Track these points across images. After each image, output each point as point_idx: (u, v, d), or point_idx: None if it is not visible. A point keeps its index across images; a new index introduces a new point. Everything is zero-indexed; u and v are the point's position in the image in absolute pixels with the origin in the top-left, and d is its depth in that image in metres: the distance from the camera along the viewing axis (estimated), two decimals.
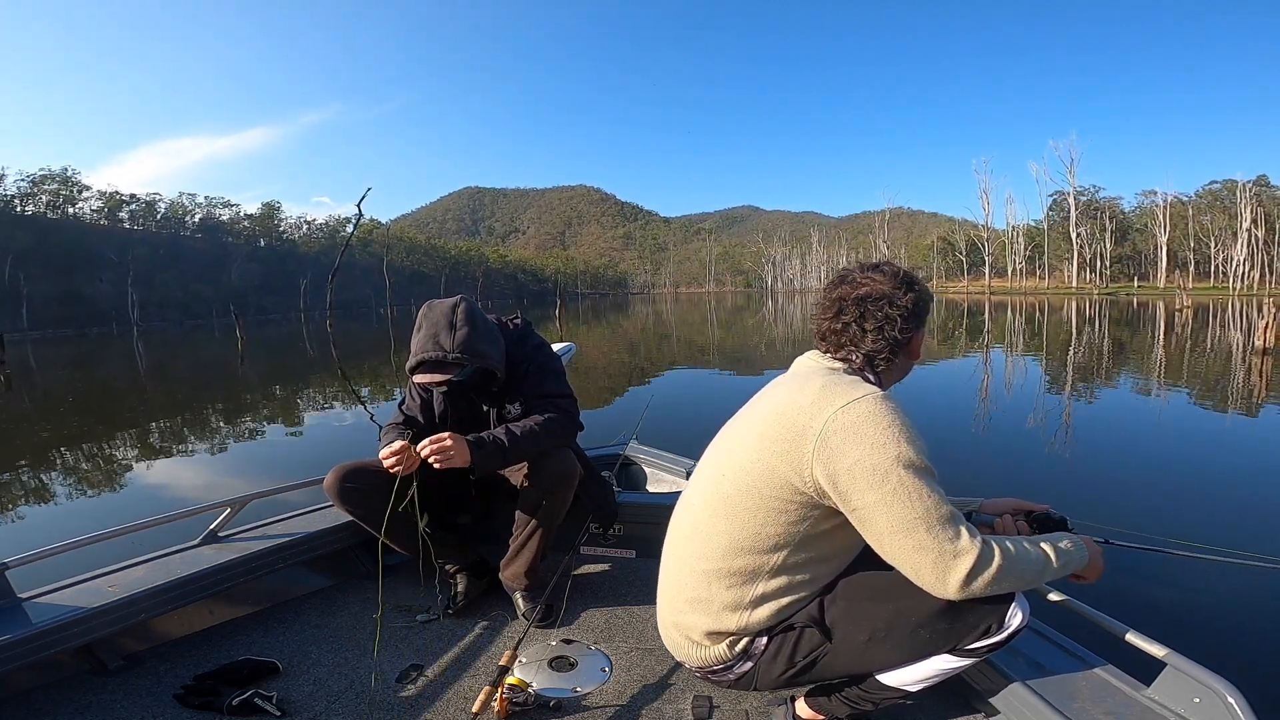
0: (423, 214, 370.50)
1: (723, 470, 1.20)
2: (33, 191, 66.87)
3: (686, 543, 1.24)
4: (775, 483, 1.10)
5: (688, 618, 1.23)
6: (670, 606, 1.28)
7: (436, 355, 1.77)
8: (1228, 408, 7.21)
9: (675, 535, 1.30)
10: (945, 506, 1.02)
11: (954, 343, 17.10)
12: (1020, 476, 4.78)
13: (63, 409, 10.23)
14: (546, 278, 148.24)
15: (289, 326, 43.18)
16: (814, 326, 1.25)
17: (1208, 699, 1.13)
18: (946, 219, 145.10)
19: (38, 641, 1.54)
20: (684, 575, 1.23)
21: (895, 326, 1.17)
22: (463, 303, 1.88)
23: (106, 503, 4.97)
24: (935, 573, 1.01)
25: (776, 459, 1.10)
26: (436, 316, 1.83)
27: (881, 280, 1.20)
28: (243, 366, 16.56)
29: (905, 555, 1.02)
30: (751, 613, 1.16)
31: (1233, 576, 2.94)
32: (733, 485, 1.16)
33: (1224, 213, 67.37)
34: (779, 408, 1.13)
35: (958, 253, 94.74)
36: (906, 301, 1.18)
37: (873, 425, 1.03)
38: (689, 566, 1.22)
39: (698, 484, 1.28)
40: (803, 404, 1.09)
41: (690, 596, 1.22)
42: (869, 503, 1.02)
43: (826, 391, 1.09)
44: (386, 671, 1.67)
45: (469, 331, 1.81)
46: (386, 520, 1.67)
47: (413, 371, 1.83)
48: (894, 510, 1.01)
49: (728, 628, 1.18)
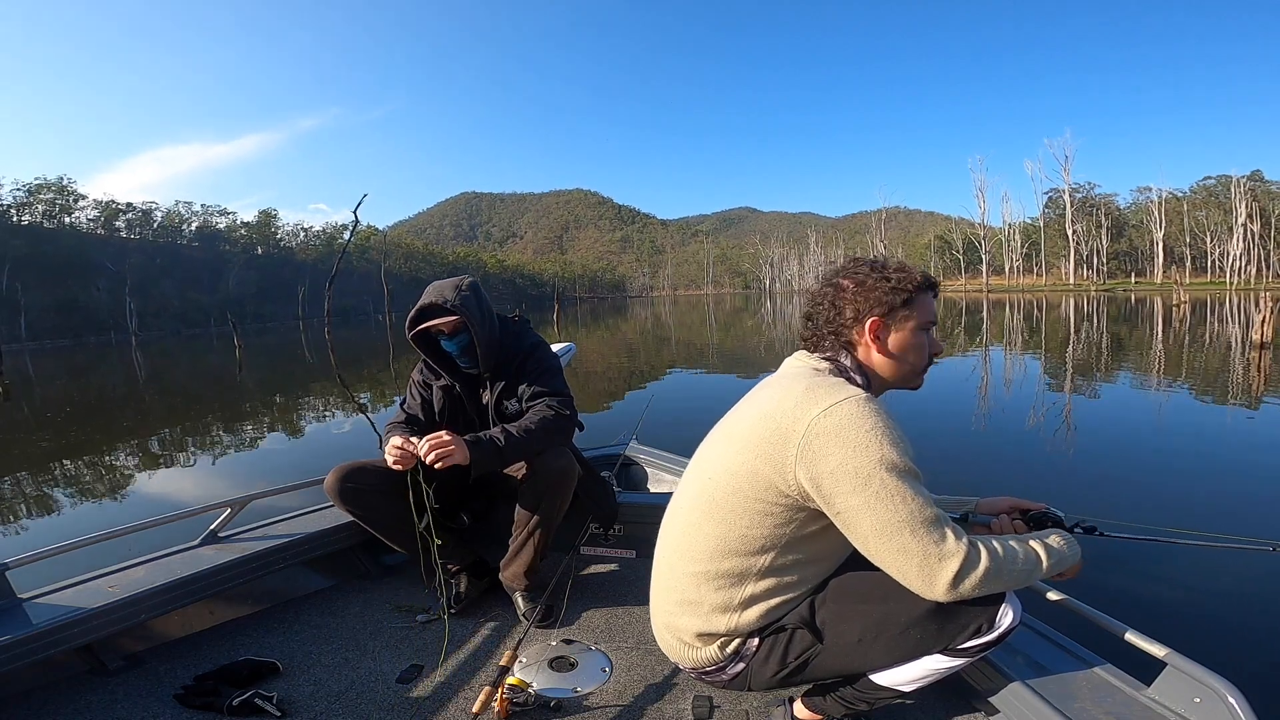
0: (420, 220, 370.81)
1: (709, 473, 1.20)
2: (29, 201, 66.88)
3: (675, 545, 1.24)
4: (760, 485, 1.10)
5: (679, 619, 1.23)
6: (662, 608, 1.28)
7: (437, 300, 1.88)
8: (1226, 402, 7.22)
9: (665, 537, 1.30)
10: (930, 509, 1.01)
11: (953, 341, 17.12)
12: (1019, 474, 4.78)
13: (60, 418, 10.21)
14: (545, 282, 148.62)
15: (287, 334, 43.09)
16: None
17: (1208, 699, 1.13)
18: (943, 217, 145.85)
19: (38, 641, 1.54)
20: (674, 577, 1.23)
21: (827, 315, 1.19)
22: (469, 278, 1.98)
23: (107, 507, 4.95)
24: (922, 575, 1.01)
25: (760, 462, 1.09)
26: (444, 281, 1.96)
27: (843, 273, 1.22)
28: (241, 375, 16.54)
29: (890, 558, 1.02)
30: (741, 614, 1.16)
31: (1231, 570, 2.94)
32: (719, 488, 1.16)
33: (1219, 208, 67.65)
34: (764, 410, 1.13)
35: (955, 251, 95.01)
36: (852, 290, 1.18)
37: (855, 428, 1.02)
38: (679, 569, 1.22)
39: (686, 486, 1.28)
40: (786, 407, 1.08)
41: (680, 598, 1.22)
42: (852, 506, 1.02)
43: (810, 394, 1.08)
44: (386, 671, 1.67)
45: (471, 296, 1.92)
46: (417, 510, 1.79)
47: (413, 324, 1.92)
48: (877, 513, 1.00)
49: (718, 629, 1.18)
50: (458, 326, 1.91)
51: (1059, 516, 1.31)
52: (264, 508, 2.26)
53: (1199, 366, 10.25)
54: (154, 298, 65.39)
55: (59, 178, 69.89)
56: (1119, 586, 2.76)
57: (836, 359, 1.19)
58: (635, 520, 2.32)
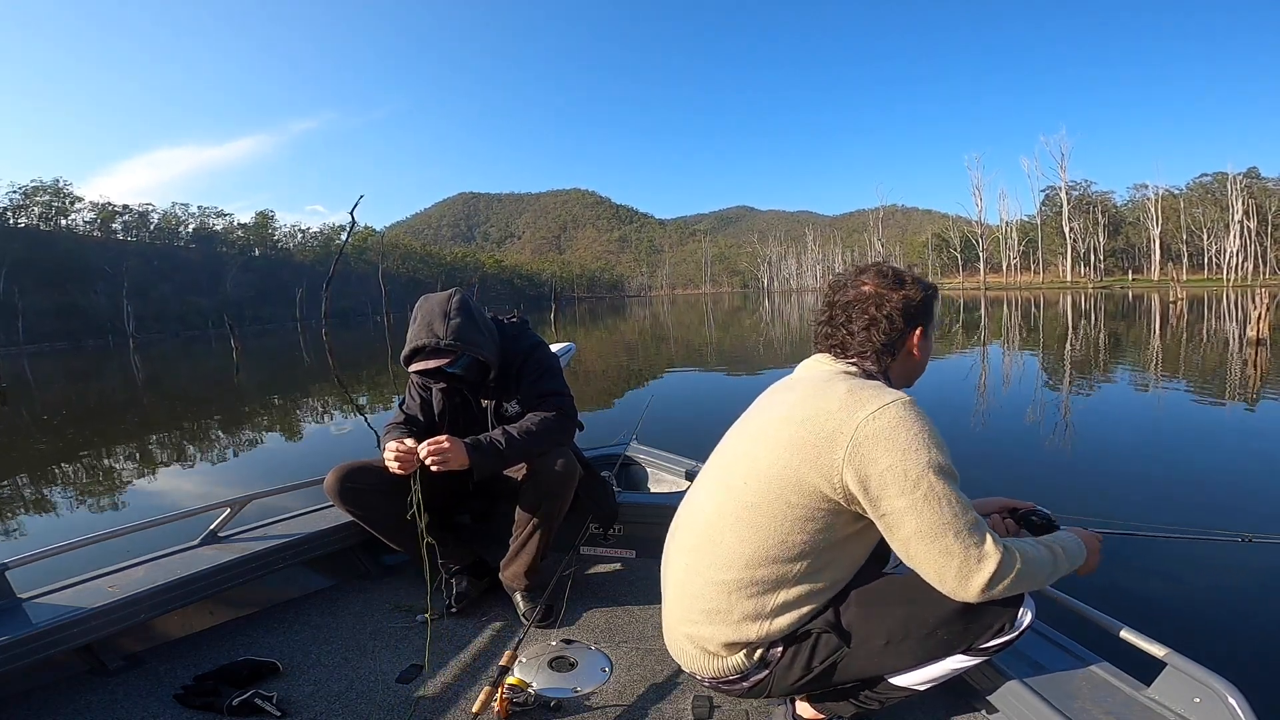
0: (417, 221, 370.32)
1: (741, 478, 1.16)
2: (25, 203, 66.73)
3: (697, 553, 1.20)
4: (803, 490, 1.09)
5: (703, 629, 1.19)
6: (684, 618, 1.22)
7: (430, 342, 1.80)
8: (1224, 398, 7.24)
9: (682, 545, 1.25)
10: (971, 512, 1.03)
11: (951, 339, 17.13)
12: (1019, 472, 4.78)
13: (56, 421, 10.19)
14: (543, 282, 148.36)
15: (286, 336, 43.04)
16: (812, 332, 1.28)
17: (1208, 699, 1.12)
18: (940, 215, 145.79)
19: (38, 641, 1.54)
20: (697, 586, 1.19)
21: (882, 327, 1.19)
22: (457, 294, 1.91)
23: (106, 508, 4.95)
24: (959, 578, 1.03)
25: (805, 465, 1.08)
26: (431, 306, 1.86)
27: (868, 282, 1.23)
28: (239, 377, 16.52)
29: (931, 560, 1.03)
30: (772, 622, 1.14)
31: (1230, 565, 2.95)
32: (753, 493, 1.13)
33: (1215, 205, 67.77)
34: (801, 413, 1.11)
35: (952, 249, 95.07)
36: (896, 300, 1.20)
37: (904, 431, 1.03)
38: (703, 577, 1.18)
39: (707, 492, 1.24)
40: (830, 409, 1.08)
41: (707, 608, 1.17)
42: (899, 508, 1.02)
43: (855, 396, 1.07)
44: (386, 671, 1.67)
45: (462, 321, 1.84)
46: (418, 510, 1.71)
47: (407, 360, 1.86)
48: (924, 516, 1.01)
49: (748, 638, 1.16)
50: (456, 356, 1.88)
51: (1047, 515, 1.32)
52: (264, 508, 2.26)
53: (1197, 363, 10.27)
54: (152, 300, 65.18)
55: (54, 180, 69.67)
56: (1114, 581, 2.77)
57: (863, 364, 1.20)
58: (635, 520, 2.32)
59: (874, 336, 1.19)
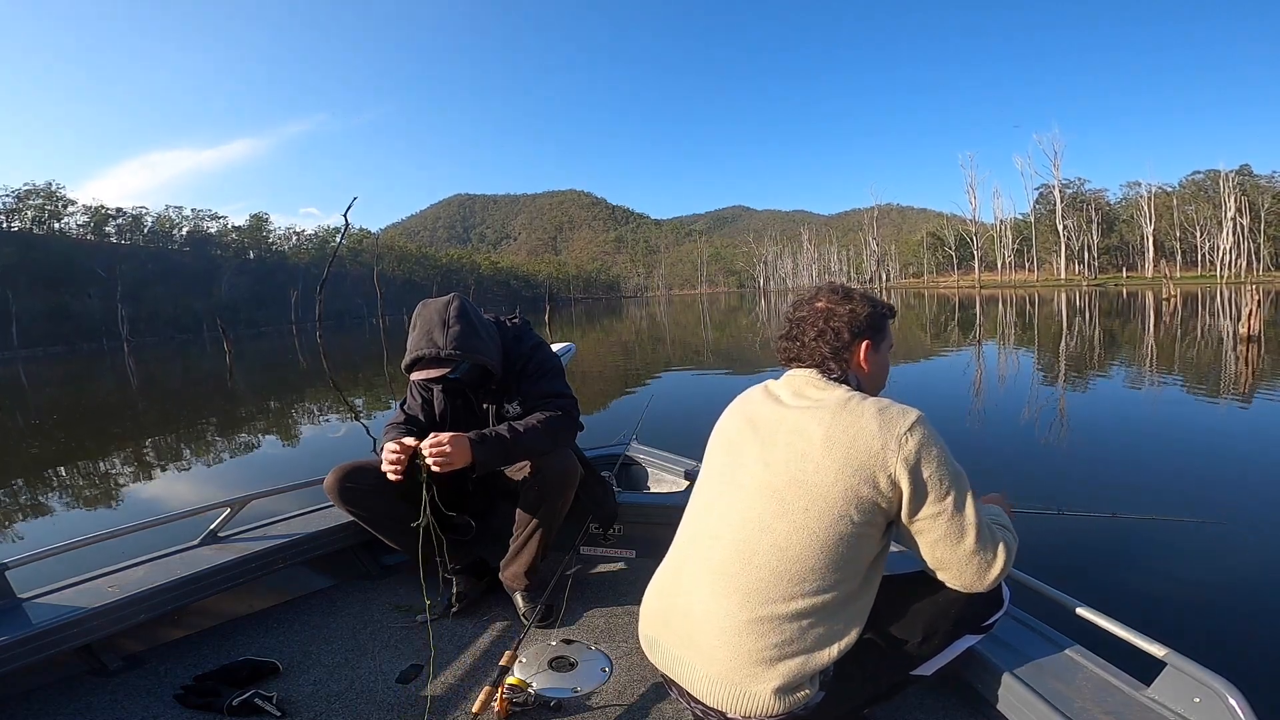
0: (413, 222, 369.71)
1: (801, 506, 1.11)
2: (17, 207, 66.51)
3: (736, 589, 1.12)
4: (864, 509, 1.10)
5: (752, 670, 1.09)
6: (729, 664, 1.11)
7: (430, 352, 1.78)
8: (1218, 395, 7.28)
9: (713, 580, 1.15)
10: (985, 514, 1.15)
11: (946, 337, 17.19)
12: (1017, 470, 4.81)
13: (48, 425, 10.15)
14: (539, 283, 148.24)
15: (281, 339, 42.87)
16: (776, 347, 1.37)
17: (1208, 699, 1.12)
18: (935, 214, 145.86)
19: (38, 641, 1.54)
20: (753, 624, 1.10)
21: (828, 337, 1.27)
22: (456, 300, 1.89)
23: (105, 509, 4.94)
24: (978, 574, 1.14)
25: (861, 484, 1.09)
26: (430, 314, 1.84)
27: (821, 299, 1.33)
28: (232, 380, 16.47)
29: (956, 559, 1.13)
30: (838, 645, 1.11)
31: (1230, 563, 2.97)
32: (818, 519, 1.09)
33: (1208, 202, 68.09)
34: (846, 435, 1.11)
35: (947, 248, 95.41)
36: (842, 314, 1.29)
37: (934, 443, 1.12)
38: (751, 613, 1.10)
39: (735, 524, 1.16)
40: (872, 429, 1.11)
41: (757, 645, 1.09)
42: (932, 513, 1.11)
43: (886, 414, 1.13)
44: (386, 671, 1.67)
45: (462, 328, 1.82)
46: (418, 510, 1.70)
47: (409, 370, 1.84)
48: (954, 520, 1.11)
49: (806, 671, 1.09)
50: (458, 364, 1.86)
51: None
52: (263, 508, 2.25)
53: (1190, 360, 10.32)
54: (146, 303, 64.98)
55: (48, 183, 69.57)
56: (1118, 580, 2.78)
57: (847, 381, 1.26)
58: (635, 520, 2.32)
59: (821, 347, 1.27)
